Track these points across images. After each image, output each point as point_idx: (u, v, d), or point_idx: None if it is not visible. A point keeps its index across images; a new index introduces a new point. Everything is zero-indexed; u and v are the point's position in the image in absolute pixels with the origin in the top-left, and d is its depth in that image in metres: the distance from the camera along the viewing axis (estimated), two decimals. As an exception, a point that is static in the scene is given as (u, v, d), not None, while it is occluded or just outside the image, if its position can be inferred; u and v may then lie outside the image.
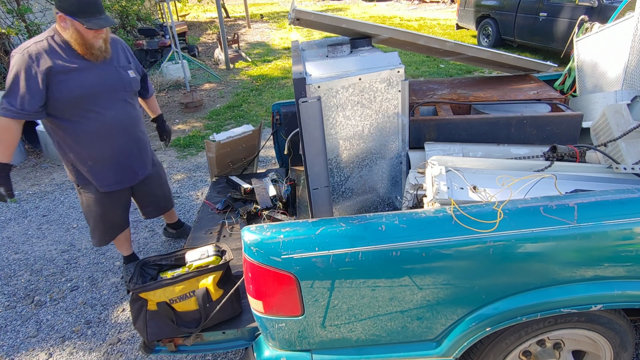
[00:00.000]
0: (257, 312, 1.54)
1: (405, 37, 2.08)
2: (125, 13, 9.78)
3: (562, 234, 1.36)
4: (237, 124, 5.96)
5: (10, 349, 2.59)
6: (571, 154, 1.79)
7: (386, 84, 1.84)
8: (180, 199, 4.15)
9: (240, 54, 9.57)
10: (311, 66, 1.92)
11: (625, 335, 1.65)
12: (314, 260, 1.38)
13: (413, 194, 1.73)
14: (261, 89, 7.51)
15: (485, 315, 1.46)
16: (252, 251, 1.42)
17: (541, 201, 1.41)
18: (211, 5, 16.16)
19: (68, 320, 2.78)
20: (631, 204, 1.38)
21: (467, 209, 1.40)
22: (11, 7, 6.89)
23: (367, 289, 1.43)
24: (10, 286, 3.13)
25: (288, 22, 2.18)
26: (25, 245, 3.61)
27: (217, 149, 3.04)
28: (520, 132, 2.02)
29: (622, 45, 2.34)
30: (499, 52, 2.29)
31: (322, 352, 1.60)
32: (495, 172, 1.72)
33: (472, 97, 2.34)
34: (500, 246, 1.36)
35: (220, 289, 1.90)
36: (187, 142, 5.41)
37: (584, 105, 2.40)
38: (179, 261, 2.03)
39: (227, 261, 1.93)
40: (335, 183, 2.01)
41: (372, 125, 1.92)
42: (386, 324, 1.52)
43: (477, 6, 9.42)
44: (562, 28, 7.19)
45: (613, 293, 1.43)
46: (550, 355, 1.71)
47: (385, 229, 1.39)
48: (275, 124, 3.05)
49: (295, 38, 10.35)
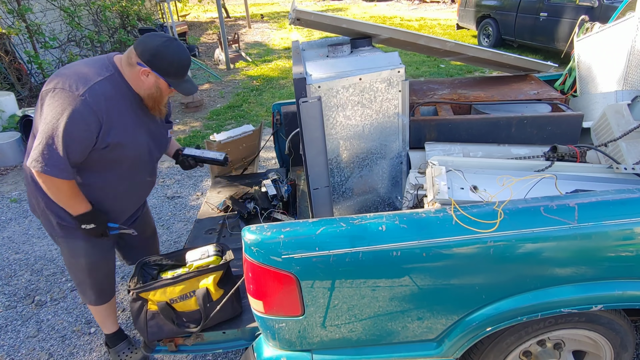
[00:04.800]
0: (257, 312, 1.54)
1: (406, 37, 2.08)
2: (126, 13, 9.79)
3: (562, 234, 1.36)
4: (237, 124, 5.96)
5: (10, 349, 2.59)
6: (572, 154, 1.79)
7: (386, 84, 1.84)
8: (180, 198, 4.15)
9: (240, 54, 9.57)
10: (312, 66, 1.92)
11: (626, 335, 1.65)
12: (314, 260, 1.38)
13: (413, 194, 1.73)
14: (261, 89, 7.51)
15: (486, 315, 1.46)
16: (253, 251, 1.42)
17: (542, 201, 1.41)
18: (211, 5, 16.17)
19: (68, 320, 2.79)
20: (631, 204, 1.38)
21: (468, 209, 1.40)
22: (11, 7, 6.89)
23: (368, 289, 1.43)
24: (11, 286, 3.14)
25: (288, 22, 2.18)
26: (26, 245, 3.61)
27: (217, 149, 3.04)
28: (521, 132, 2.02)
29: (622, 46, 2.34)
30: (500, 52, 2.29)
31: (323, 352, 1.60)
32: (496, 172, 1.72)
33: (473, 97, 2.34)
34: (500, 246, 1.36)
35: (221, 289, 1.90)
36: (188, 142, 5.41)
37: (585, 106, 2.40)
38: (180, 261, 2.03)
39: (227, 261, 1.93)
40: (336, 183, 2.01)
41: (373, 125, 1.92)
42: (386, 324, 1.52)
43: (477, 6, 9.42)
44: (563, 28, 7.18)
45: (613, 293, 1.43)
46: (551, 355, 1.70)
47: (386, 229, 1.39)
48: (276, 124, 3.05)
49: (295, 38, 10.34)
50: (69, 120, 1.65)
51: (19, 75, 7.05)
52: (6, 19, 6.89)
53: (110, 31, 9.42)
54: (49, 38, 7.37)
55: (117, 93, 1.80)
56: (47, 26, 7.71)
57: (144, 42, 1.78)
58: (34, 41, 7.41)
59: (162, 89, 1.87)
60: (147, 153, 2.00)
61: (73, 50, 8.35)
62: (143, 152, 1.97)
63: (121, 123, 1.82)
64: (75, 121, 1.67)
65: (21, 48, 7.22)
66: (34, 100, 6.93)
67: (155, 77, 1.81)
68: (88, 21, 9.03)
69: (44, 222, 2.03)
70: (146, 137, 1.97)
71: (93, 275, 2.13)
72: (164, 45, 1.77)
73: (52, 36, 7.53)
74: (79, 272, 2.12)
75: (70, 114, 1.66)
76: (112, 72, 1.80)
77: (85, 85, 1.70)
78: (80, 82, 1.71)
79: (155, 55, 1.76)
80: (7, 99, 5.74)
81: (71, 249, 2.05)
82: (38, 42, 7.47)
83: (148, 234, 2.46)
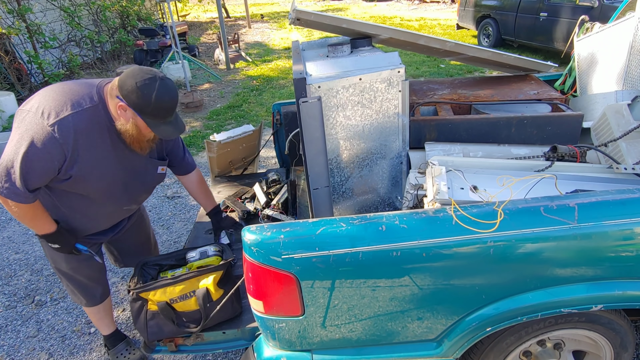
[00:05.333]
0: (257, 312, 1.54)
1: (406, 37, 2.08)
2: (126, 13, 9.80)
3: (562, 234, 1.36)
4: (237, 124, 5.96)
5: (10, 349, 2.59)
6: (572, 154, 1.79)
7: (386, 84, 1.84)
8: (180, 198, 4.15)
9: (240, 54, 9.58)
10: (312, 66, 1.92)
11: (626, 335, 1.65)
12: (314, 260, 1.38)
13: (413, 194, 1.73)
14: (261, 89, 7.51)
15: (486, 315, 1.46)
16: (253, 251, 1.42)
17: (542, 201, 1.41)
18: (212, 5, 16.18)
19: (68, 320, 2.79)
20: (632, 204, 1.38)
21: (468, 209, 1.40)
22: (12, 7, 6.89)
23: (368, 289, 1.43)
24: (11, 286, 3.14)
25: (288, 22, 2.18)
26: (26, 245, 3.61)
27: (217, 149, 3.04)
28: (521, 132, 2.02)
29: (622, 45, 2.34)
30: (500, 52, 2.28)
31: (323, 352, 1.60)
32: (496, 172, 1.72)
33: (473, 97, 2.34)
34: (500, 246, 1.36)
35: (221, 289, 1.90)
36: (188, 142, 5.41)
37: (585, 106, 2.40)
38: (180, 261, 2.03)
39: (227, 261, 1.93)
40: (336, 183, 2.01)
41: (373, 125, 1.92)
42: (386, 324, 1.52)
43: (477, 6, 9.42)
44: (563, 28, 7.18)
45: (613, 293, 1.43)
46: (551, 355, 1.71)
47: (386, 229, 1.39)
48: (276, 124, 3.06)
49: (295, 38, 10.35)
50: (30, 149, 1.58)
51: (19, 75, 7.06)
52: (6, 19, 6.89)
53: (110, 31, 9.43)
54: (49, 38, 7.38)
55: (94, 126, 1.71)
56: (47, 26, 7.71)
57: (126, 75, 1.68)
58: (34, 41, 7.42)
59: (139, 128, 1.74)
60: (120, 187, 1.90)
61: (73, 50, 8.36)
62: (114, 186, 1.88)
63: (88, 158, 1.72)
64: (37, 151, 1.59)
65: (21, 48, 7.22)
66: (34, 100, 6.93)
67: (132, 113, 1.69)
68: (88, 21, 9.03)
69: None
70: (121, 172, 1.87)
71: (77, 279, 2.09)
72: (145, 83, 1.64)
73: (52, 36, 7.54)
74: (62, 275, 2.08)
75: (32, 142, 1.58)
76: (95, 103, 1.71)
77: (57, 115, 1.62)
78: (55, 110, 1.63)
79: (134, 91, 1.64)
80: (7, 99, 5.75)
81: (52, 253, 1.99)
82: (38, 42, 7.47)
83: (142, 239, 2.39)
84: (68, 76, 7.97)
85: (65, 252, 1.92)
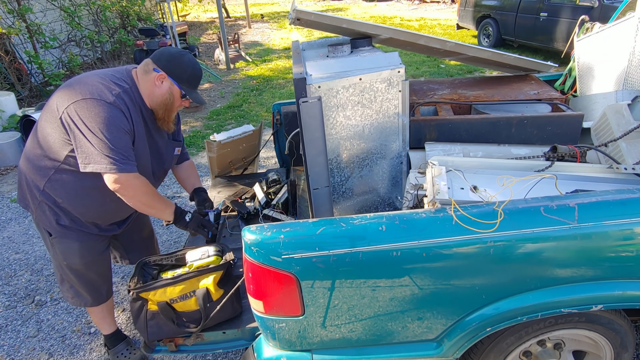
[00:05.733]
0: (257, 312, 1.54)
1: (406, 37, 2.08)
2: (126, 13, 9.80)
3: (562, 234, 1.36)
4: (237, 124, 5.96)
5: (10, 349, 2.59)
6: (572, 154, 1.79)
7: (387, 84, 1.84)
8: (181, 198, 4.15)
9: (240, 54, 9.58)
10: (312, 66, 1.92)
11: (626, 335, 1.65)
12: (314, 260, 1.38)
13: (413, 194, 1.73)
14: (261, 89, 7.51)
15: (486, 315, 1.46)
16: (253, 251, 1.42)
17: (542, 201, 1.41)
18: (212, 5, 16.17)
19: (68, 320, 2.79)
20: (632, 204, 1.38)
21: (468, 209, 1.40)
22: (12, 7, 6.89)
23: (368, 289, 1.43)
24: (11, 286, 3.14)
25: (288, 22, 2.18)
26: (26, 245, 3.61)
27: (217, 148, 3.04)
28: (521, 132, 2.02)
29: (622, 46, 2.34)
30: (500, 52, 2.29)
31: (323, 352, 1.60)
32: (496, 172, 1.72)
33: (473, 97, 2.34)
34: (500, 246, 1.36)
35: (221, 289, 1.90)
36: (188, 142, 5.41)
37: (585, 106, 2.40)
38: (180, 261, 2.03)
39: (227, 261, 1.93)
40: (336, 183, 2.01)
41: (373, 125, 1.92)
42: (386, 324, 1.52)
43: (477, 6, 9.42)
44: (563, 28, 7.18)
45: (613, 293, 1.43)
46: (551, 355, 1.70)
47: (386, 229, 1.39)
48: (276, 124, 3.05)
49: (295, 38, 10.34)
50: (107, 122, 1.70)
51: (19, 75, 7.05)
52: (6, 19, 6.89)
53: (110, 31, 9.42)
54: (49, 38, 7.37)
55: (135, 105, 1.86)
56: (47, 26, 7.71)
57: (161, 51, 1.90)
58: (34, 41, 7.41)
59: (174, 96, 1.91)
60: (149, 168, 2.02)
61: (73, 50, 8.35)
62: (146, 167, 1.99)
63: (137, 133, 1.86)
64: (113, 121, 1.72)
65: (21, 48, 7.22)
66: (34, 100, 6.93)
67: (169, 83, 1.88)
68: (88, 21, 9.03)
69: (38, 220, 1.99)
70: (150, 153, 2.00)
71: (87, 276, 2.11)
72: (180, 54, 1.89)
73: (52, 36, 7.53)
74: (73, 273, 2.08)
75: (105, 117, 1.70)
76: (130, 85, 1.86)
77: (111, 93, 1.76)
78: (106, 90, 1.75)
79: (171, 60, 1.86)
80: (7, 99, 5.75)
81: (65, 249, 2.01)
82: (38, 42, 7.47)
83: (145, 234, 2.45)
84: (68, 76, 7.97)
85: (195, 225, 2.06)
